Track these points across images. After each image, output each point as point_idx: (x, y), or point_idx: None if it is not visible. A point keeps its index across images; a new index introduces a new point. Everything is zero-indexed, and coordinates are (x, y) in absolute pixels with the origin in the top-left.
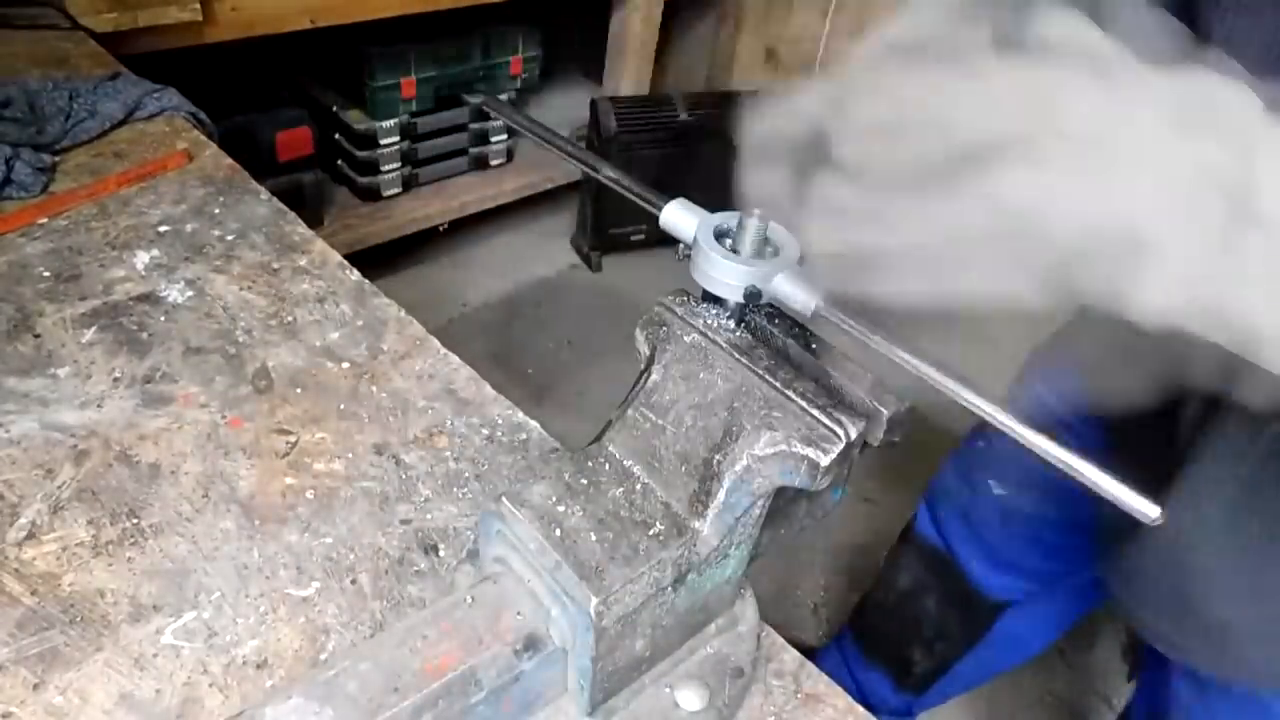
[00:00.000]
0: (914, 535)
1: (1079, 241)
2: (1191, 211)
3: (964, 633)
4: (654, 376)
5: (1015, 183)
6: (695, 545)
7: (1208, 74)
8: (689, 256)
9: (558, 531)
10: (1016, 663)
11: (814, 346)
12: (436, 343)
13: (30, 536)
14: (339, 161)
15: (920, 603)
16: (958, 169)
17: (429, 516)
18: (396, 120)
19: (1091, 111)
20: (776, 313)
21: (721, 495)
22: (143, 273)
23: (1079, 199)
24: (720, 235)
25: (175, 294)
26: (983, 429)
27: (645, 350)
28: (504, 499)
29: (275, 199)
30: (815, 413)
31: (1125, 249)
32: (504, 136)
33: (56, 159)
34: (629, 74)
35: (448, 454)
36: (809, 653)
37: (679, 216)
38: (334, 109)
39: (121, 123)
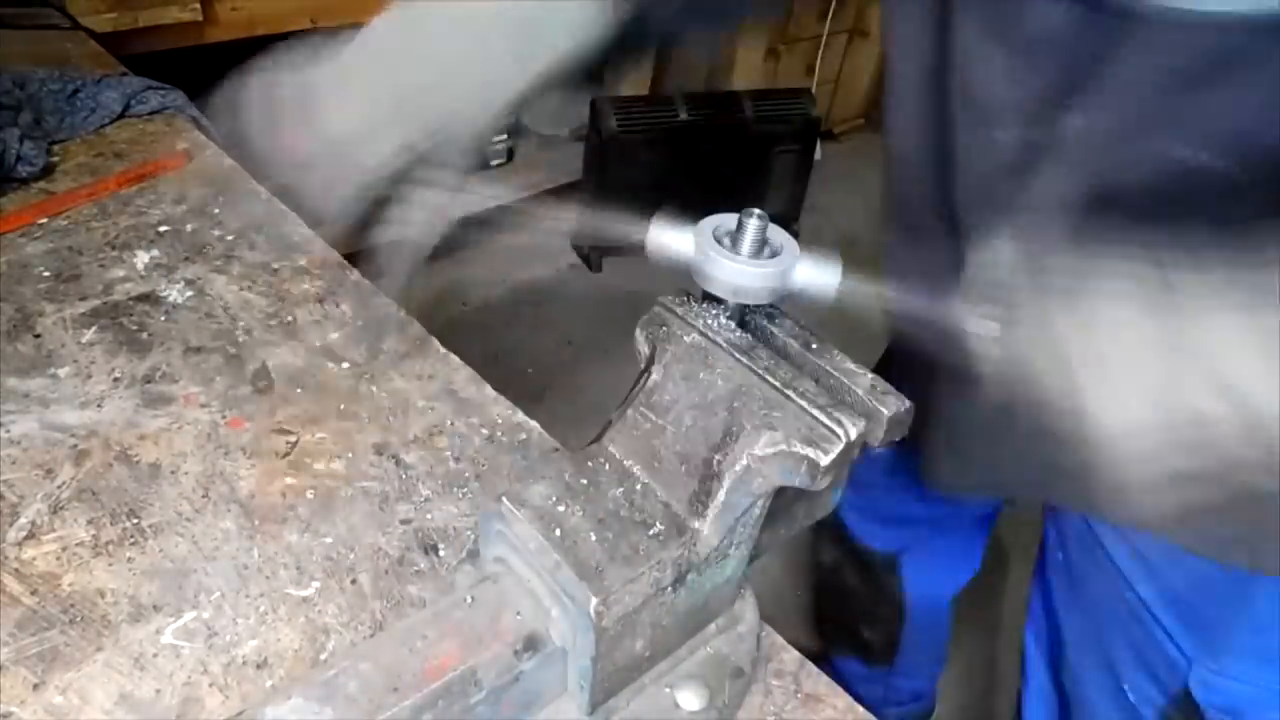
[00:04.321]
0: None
1: None
2: None
3: (883, 597)
4: (654, 376)
5: None
6: (695, 545)
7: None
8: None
9: (558, 531)
10: (944, 607)
11: (814, 346)
12: (436, 343)
13: (30, 536)
14: None
15: (842, 578)
16: None
17: (429, 516)
18: None
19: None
20: (777, 312)
21: (721, 495)
22: (143, 273)
23: None
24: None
25: (175, 294)
26: None
27: (645, 350)
28: (504, 499)
29: (275, 199)
30: (815, 413)
31: None
32: (504, 136)
33: (54, 158)
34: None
35: (448, 454)
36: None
37: (667, 237)
38: None
39: (120, 115)
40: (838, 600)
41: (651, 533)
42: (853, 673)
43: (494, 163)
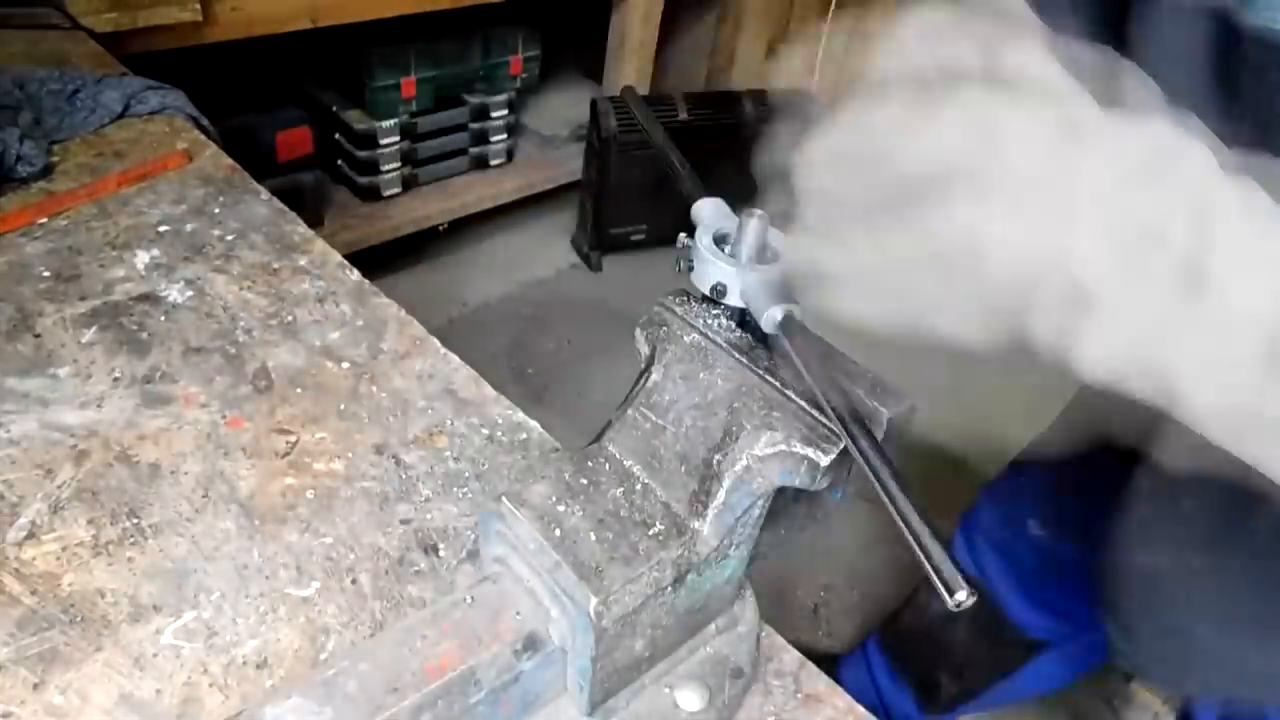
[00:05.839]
0: None
1: (1018, 285)
2: (1138, 268)
3: (994, 664)
4: (654, 376)
5: (952, 219)
6: (695, 545)
7: (1167, 127)
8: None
9: (557, 531)
10: (1039, 694)
11: None
12: (436, 343)
13: (30, 536)
14: (339, 161)
15: (952, 629)
16: (903, 201)
17: (429, 516)
18: (396, 120)
19: (1043, 152)
20: None
21: (721, 495)
22: (143, 273)
23: (1019, 242)
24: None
25: (175, 294)
26: (1021, 466)
27: (645, 350)
28: (504, 499)
29: (275, 199)
30: (815, 413)
31: (1067, 298)
32: (504, 136)
33: (54, 158)
34: (629, 74)
35: (448, 454)
36: (832, 659)
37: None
38: (334, 109)
39: (120, 115)
40: (930, 645)
41: (651, 533)
42: (897, 703)
43: (494, 162)
